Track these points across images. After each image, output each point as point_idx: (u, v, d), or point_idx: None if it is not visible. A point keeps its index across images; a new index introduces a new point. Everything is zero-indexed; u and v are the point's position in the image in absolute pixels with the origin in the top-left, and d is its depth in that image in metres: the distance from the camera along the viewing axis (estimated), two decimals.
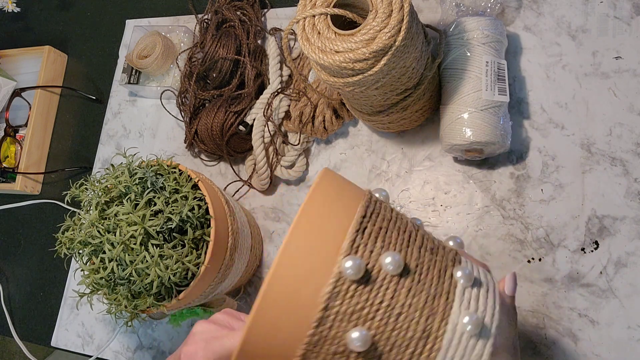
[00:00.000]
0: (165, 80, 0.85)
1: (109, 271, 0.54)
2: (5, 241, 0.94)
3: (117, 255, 0.53)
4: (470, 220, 0.65)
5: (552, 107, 0.65)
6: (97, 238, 0.55)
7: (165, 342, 0.76)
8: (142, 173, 0.57)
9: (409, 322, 0.37)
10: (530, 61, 0.67)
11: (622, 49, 0.63)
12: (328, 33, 0.52)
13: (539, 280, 0.61)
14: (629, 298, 0.57)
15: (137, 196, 0.56)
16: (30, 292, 0.88)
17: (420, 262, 0.39)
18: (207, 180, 0.65)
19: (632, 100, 0.62)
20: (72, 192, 0.61)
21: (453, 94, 0.61)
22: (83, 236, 0.56)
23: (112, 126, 0.91)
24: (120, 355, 0.78)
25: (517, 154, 0.65)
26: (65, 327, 0.83)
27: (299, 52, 0.78)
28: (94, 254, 0.57)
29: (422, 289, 0.38)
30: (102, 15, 1.00)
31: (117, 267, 0.54)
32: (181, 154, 0.83)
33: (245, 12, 0.81)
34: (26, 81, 0.95)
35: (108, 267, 0.54)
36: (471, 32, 0.61)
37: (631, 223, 0.59)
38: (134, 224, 0.54)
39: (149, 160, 0.61)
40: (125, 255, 0.53)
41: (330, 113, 0.71)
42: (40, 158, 0.94)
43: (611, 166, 0.61)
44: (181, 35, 0.87)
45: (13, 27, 1.07)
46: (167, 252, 0.54)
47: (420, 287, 0.38)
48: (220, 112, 0.74)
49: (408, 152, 0.70)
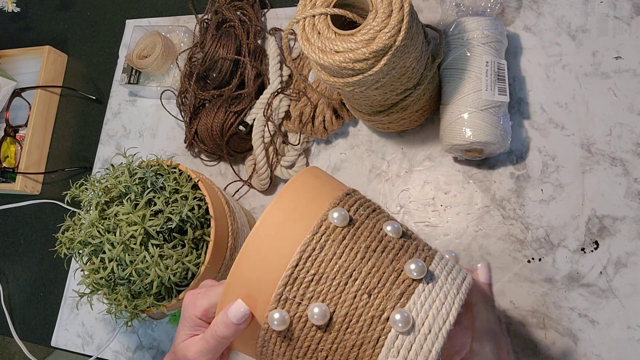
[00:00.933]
0: (165, 80, 0.85)
1: (109, 271, 0.54)
2: (5, 241, 0.94)
3: (117, 255, 0.53)
4: (470, 220, 0.65)
5: (552, 107, 0.65)
6: (97, 238, 0.55)
7: (165, 342, 0.76)
8: (142, 173, 0.57)
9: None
10: (530, 61, 0.67)
11: (622, 49, 0.63)
12: (328, 33, 0.52)
13: (539, 280, 0.61)
14: (629, 298, 0.57)
15: (137, 196, 0.56)
16: (30, 292, 0.88)
17: (352, 308, 0.37)
18: (207, 180, 0.65)
19: (632, 100, 0.62)
20: (72, 192, 0.61)
21: (453, 94, 0.61)
22: (83, 236, 0.56)
23: (112, 126, 0.91)
24: (120, 355, 0.78)
25: (517, 154, 0.65)
26: (65, 327, 0.83)
27: (299, 52, 0.78)
28: (94, 254, 0.57)
29: (349, 337, 0.37)
30: (102, 15, 1.00)
31: (117, 267, 0.54)
32: (181, 154, 0.83)
33: (245, 12, 0.81)
34: (26, 81, 0.95)
35: (108, 267, 0.54)
36: (471, 32, 0.61)
37: (631, 223, 0.59)
38: (134, 224, 0.54)
39: (149, 160, 0.61)
40: (125, 255, 0.53)
41: (330, 113, 0.71)
42: (40, 158, 0.94)
43: (611, 166, 0.61)
44: (181, 35, 0.87)
45: (13, 27, 1.07)
46: (167, 252, 0.54)
47: (347, 336, 0.37)
48: (220, 112, 0.74)
49: (408, 152, 0.70)
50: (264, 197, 0.77)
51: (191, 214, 0.56)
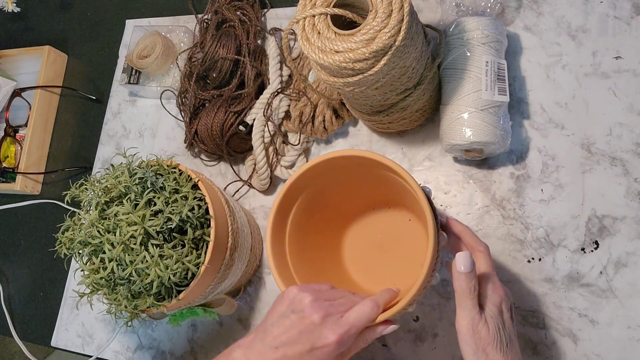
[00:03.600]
0: (165, 80, 0.85)
1: (109, 271, 0.54)
2: (5, 241, 0.94)
3: (117, 255, 0.53)
4: (470, 220, 0.65)
5: (552, 107, 0.65)
6: (97, 238, 0.55)
7: (165, 342, 0.76)
8: (142, 173, 0.57)
9: None
10: (530, 61, 0.67)
11: (622, 48, 0.63)
12: (328, 33, 0.52)
13: (539, 280, 0.61)
14: (629, 298, 0.57)
15: (137, 196, 0.56)
16: (30, 292, 0.88)
17: None
18: (207, 180, 0.65)
19: (632, 100, 0.61)
20: (72, 192, 0.61)
21: (453, 94, 0.61)
22: (83, 236, 0.56)
23: (112, 126, 0.91)
24: (120, 355, 0.78)
25: (517, 154, 0.65)
26: (65, 327, 0.83)
27: (299, 52, 0.78)
28: (94, 254, 0.57)
29: None
30: (102, 15, 1.00)
31: (117, 267, 0.54)
32: (181, 154, 0.83)
33: (245, 12, 0.81)
34: (26, 81, 0.95)
35: (108, 267, 0.54)
36: (471, 32, 0.61)
37: (631, 223, 0.59)
38: (134, 224, 0.54)
39: (149, 161, 0.61)
40: (125, 255, 0.53)
41: (330, 113, 0.71)
42: (40, 158, 0.94)
43: (611, 166, 0.61)
44: (181, 35, 0.87)
45: (13, 27, 1.07)
46: (167, 252, 0.54)
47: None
48: (220, 112, 0.74)
49: (408, 152, 0.70)
50: (264, 197, 0.77)
51: (191, 214, 0.56)
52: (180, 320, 0.75)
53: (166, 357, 0.76)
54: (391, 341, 0.65)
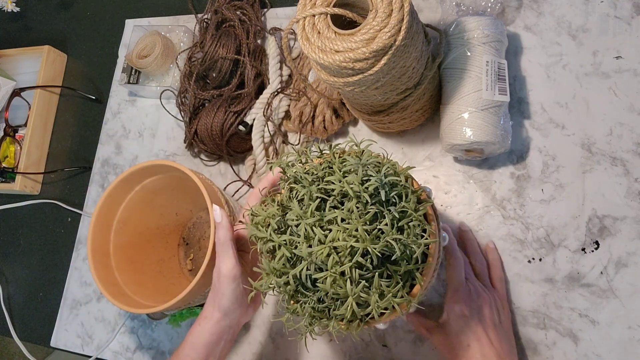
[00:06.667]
0: (165, 80, 0.85)
1: (297, 282, 0.45)
2: (5, 241, 0.94)
3: (314, 265, 0.43)
4: (471, 220, 0.65)
5: (553, 107, 0.64)
6: (299, 237, 0.44)
7: (164, 342, 0.76)
8: (376, 181, 0.44)
9: None
10: (531, 61, 0.67)
11: (623, 48, 0.63)
12: (328, 33, 0.52)
13: (540, 280, 0.60)
14: (630, 298, 0.57)
15: (361, 205, 0.44)
16: (30, 292, 0.88)
17: None
18: (207, 180, 0.64)
19: (633, 100, 0.61)
20: (278, 162, 0.49)
21: (453, 94, 0.61)
22: (275, 226, 0.46)
23: (111, 126, 0.91)
24: (120, 356, 0.78)
25: (517, 154, 0.65)
26: (65, 327, 0.83)
27: (299, 52, 0.78)
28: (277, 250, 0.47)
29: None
30: (102, 15, 0.99)
31: (307, 278, 0.45)
32: (181, 154, 0.83)
33: (245, 11, 0.81)
34: (26, 81, 0.95)
35: (296, 274, 0.45)
36: (471, 32, 0.61)
37: (632, 223, 0.59)
38: (354, 239, 0.43)
39: (386, 160, 0.48)
40: (340, 278, 0.43)
41: (330, 113, 0.71)
42: (40, 158, 0.94)
43: (612, 166, 0.61)
44: (181, 35, 0.86)
45: (12, 27, 1.07)
46: (376, 284, 0.44)
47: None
48: (220, 112, 0.74)
49: (408, 152, 0.70)
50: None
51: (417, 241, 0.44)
52: (180, 321, 0.75)
53: (166, 357, 0.76)
54: (391, 341, 0.65)
